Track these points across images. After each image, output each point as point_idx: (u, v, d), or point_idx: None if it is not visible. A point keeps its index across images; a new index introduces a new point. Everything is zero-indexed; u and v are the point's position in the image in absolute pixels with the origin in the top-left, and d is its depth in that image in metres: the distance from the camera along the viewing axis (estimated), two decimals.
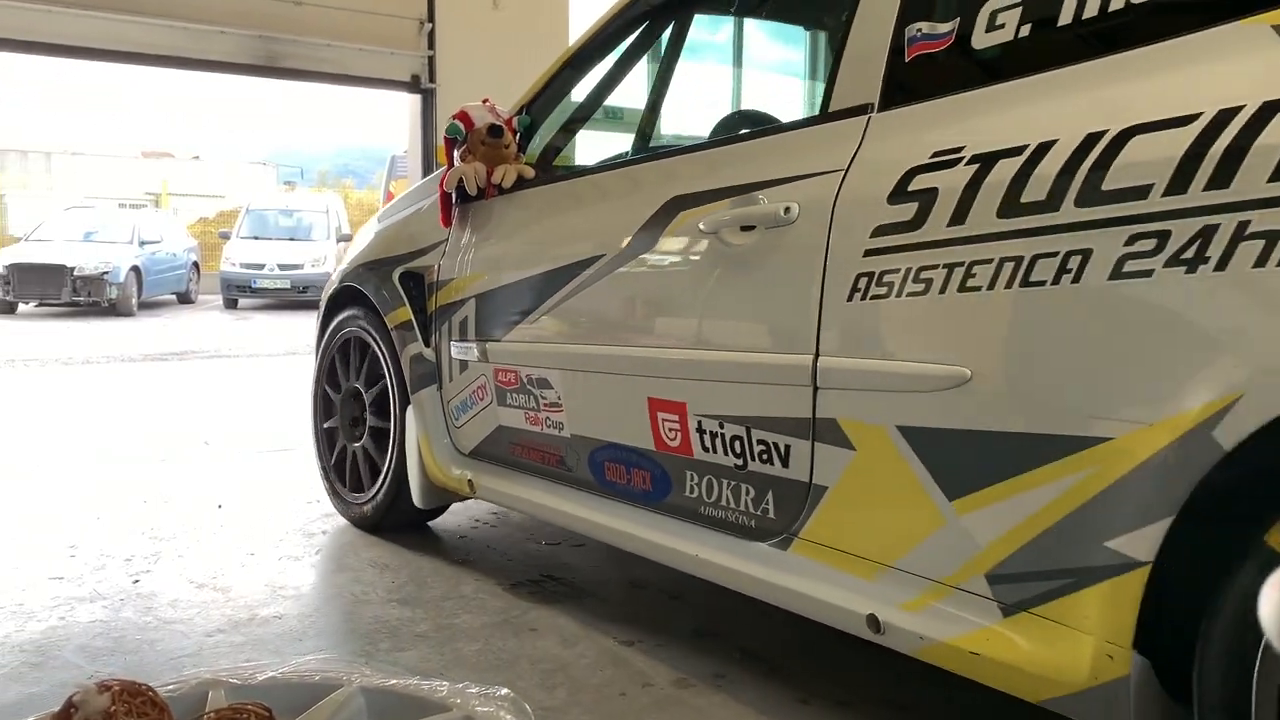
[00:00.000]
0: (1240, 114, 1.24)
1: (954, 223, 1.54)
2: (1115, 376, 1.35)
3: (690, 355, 2.04)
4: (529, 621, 2.46)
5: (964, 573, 1.55)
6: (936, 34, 1.71)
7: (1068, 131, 1.42)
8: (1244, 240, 1.20)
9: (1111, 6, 1.47)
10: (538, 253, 2.54)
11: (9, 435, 4.95)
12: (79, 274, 14.24)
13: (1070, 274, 1.38)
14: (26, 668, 2.16)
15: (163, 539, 3.16)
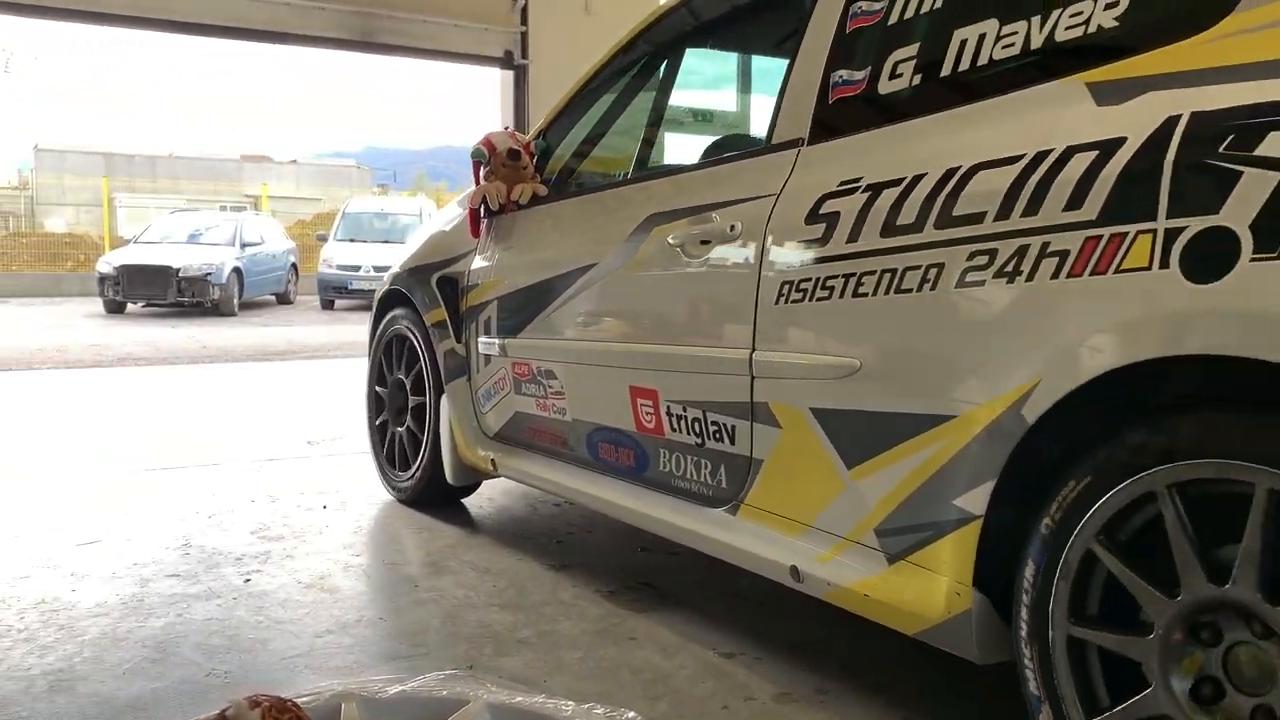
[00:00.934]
0: (1049, 155, 1.57)
1: (850, 240, 1.88)
2: (959, 365, 1.68)
3: (661, 349, 2.43)
4: (628, 630, 2.47)
5: (859, 530, 1.89)
6: (853, 80, 2.06)
7: (933, 167, 1.76)
8: (1045, 257, 1.53)
9: (974, 64, 1.81)
10: (546, 260, 2.92)
11: (120, 437, 5.14)
12: (184, 275, 14.75)
13: (930, 283, 1.71)
14: (148, 663, 2.25)
15: (271, 539, 3.25)
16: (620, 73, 3.06)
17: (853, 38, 2.10)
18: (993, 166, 1.66)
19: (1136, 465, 1.42)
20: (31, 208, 32.45)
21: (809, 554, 2.01)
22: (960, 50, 1.86)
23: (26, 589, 2.73)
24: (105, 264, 15.34)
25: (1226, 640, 1.36)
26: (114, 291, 15.02)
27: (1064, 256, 1.51)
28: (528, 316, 2.95)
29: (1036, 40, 1.73)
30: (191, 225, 17.15)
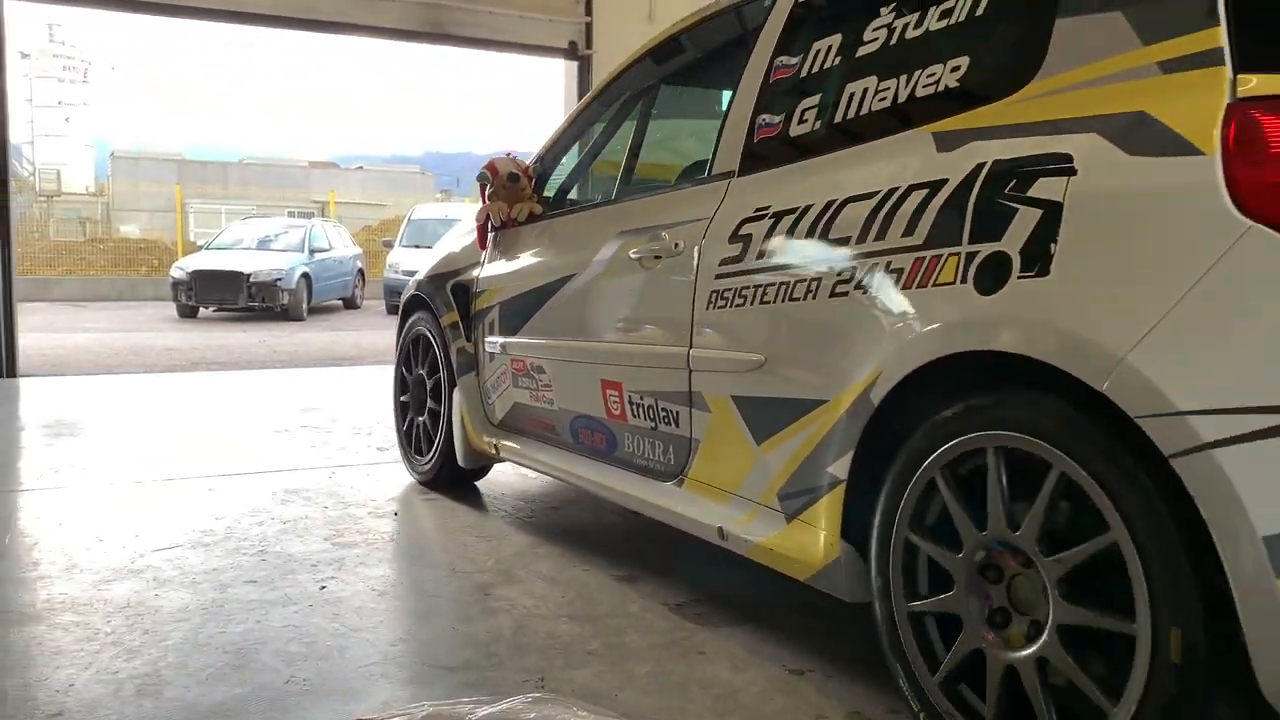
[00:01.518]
0: (896, 192, 1.99)
1: (758, 258, 2.34)
2: (829, 360, 2.11)
3: (625, 347, 2.87)
4: (697, 644, 2.48)
5: (767, 494, 2.32)
6: (772, 123, 2.49)
7: (818, 199, 2.20)
8: (888, 274, 1.96)
9: (858, 113, 2.24)
10: (538, 270, 3.40)
11: (195, 442, 5.27)
12: (254, 281, 15.07)
13: (812, 293, 2.16)
14: (230, 669, 2.31)
15: (344, 545, 3.32)
16: (604, 108, 3.55)
17: (774, 87, 2.54)
18: (858, 200, 2.09)
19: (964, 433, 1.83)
20: (108, 213, 33.36)
21: (732, 517, 2.44)
22: (848, 102, 2.29)
23: (112, 593, 2.81)
24: (179, 269, 15.73)
25: (1010, 570, 1.79)
26: (187, 296, 15.39)
27: (900, 273, 1.95)
28: (524, 319, 3.42)
29: (902, 95, 2.15)
30: (262, 231, 17.51)
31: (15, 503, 3.89)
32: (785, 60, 2.53)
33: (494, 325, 3.64)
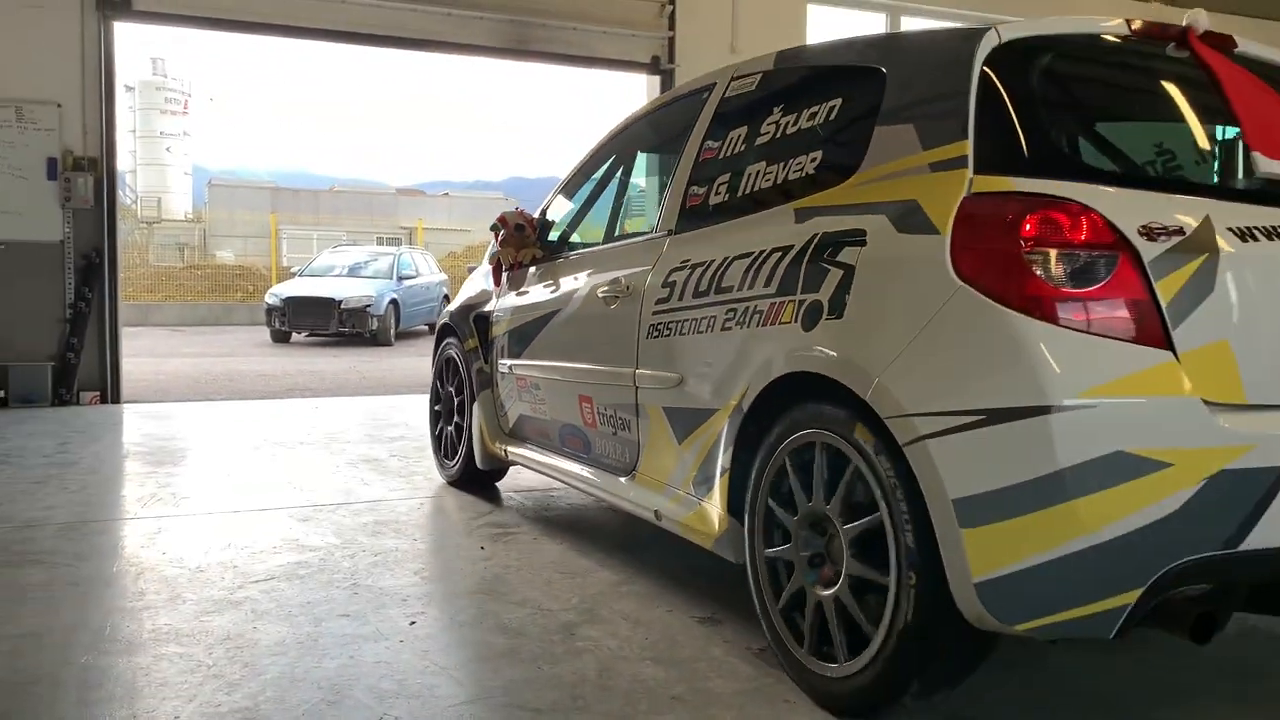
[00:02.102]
0: (764, 252, 2.68)
1: (679, 300, 3.04)
2: (720, 377, 2.79)
3: (595, 368, 3.55)
4: (782, 692, 2.48)
5: (685, 483, 3.00)
6: (699, 193, 3.21)
7: (718, 256, 2.90)
8: (754, 314, 2.65)
9: (751, 190, 2.96)
10: (536, 305, 4.10)
11: (288, 472, 5.42)
12: (345, 307, 15.45)
13: (711, 329, 2.85)
14: (325, 705, 2.38)
15: (433, 579, 3.39)
16: (590, 171, 4.30)
17: (702, 164, 3.25)
18: (741, 258, 2.79)
19: (797, 431, 2.50)
20: (205, 239, 34.48)
21: (664, 503, 3.12)
22: (747, 179, 2.99)
23: (213, 624, 2.92)
24: (273, 296, 16.20)
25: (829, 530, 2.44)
26: (280, 322, 15.84)
27: (761, 314, 2.64)
28: (526, 344, 4.13)
29: (780, 178, 2.85)
30: (352, 259, 17.95)
31: (121, 531, 4.05)
32: (710, 144, 3.26)
33: (504, 349, 4.34)
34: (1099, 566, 1.96)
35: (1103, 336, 2.03)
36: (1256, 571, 2.10)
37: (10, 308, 7.69)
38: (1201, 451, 1.99)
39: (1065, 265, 2.06)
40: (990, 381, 2.05)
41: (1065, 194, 2.12)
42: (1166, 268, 2.07)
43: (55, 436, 6.28)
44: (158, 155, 44.07)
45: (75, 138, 7.86)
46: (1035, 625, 2.02)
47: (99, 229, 7.94)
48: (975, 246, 2.13)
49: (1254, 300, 2.15)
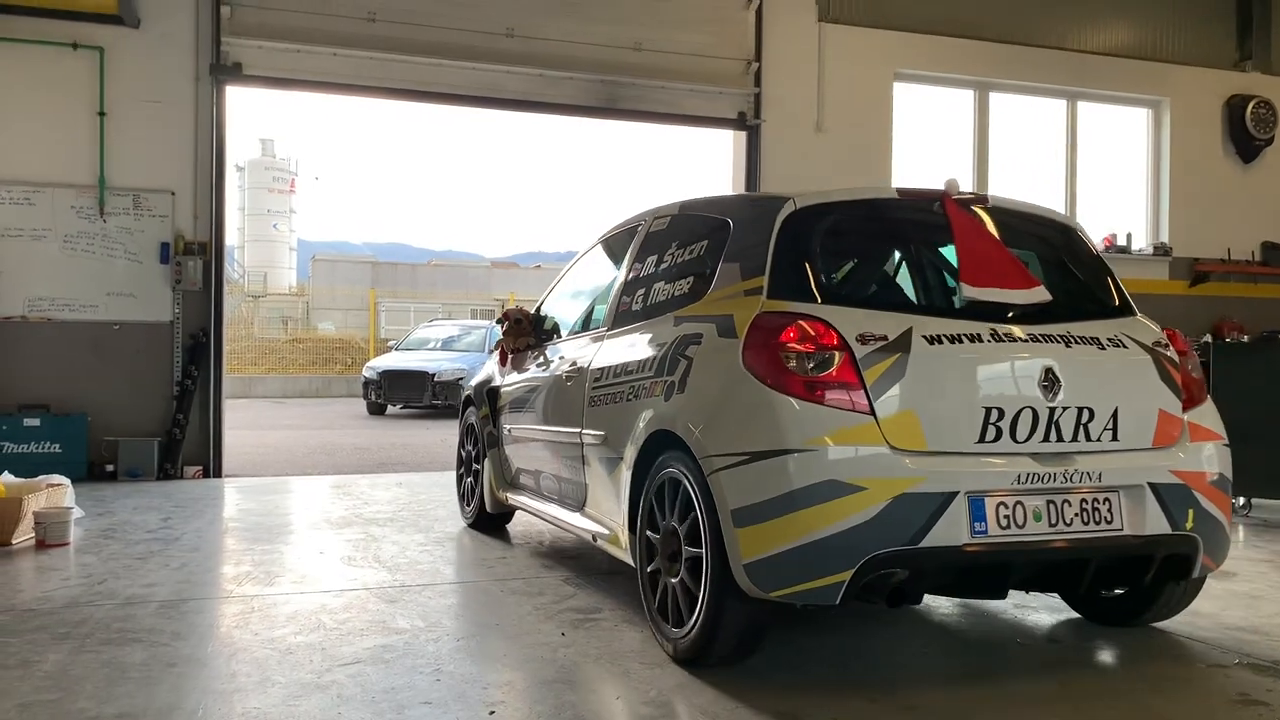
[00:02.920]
0: (652, 347, 3.87)
1: (607, 379, 4.13)
2: (624, 434, 3.85)
3: (560, 429, 4.64)
4: None
5: (610, 514, 4.04)
6: (627, 301, 4.35)
7: (629, 348, 4.05)
8: (643, 390, 3.79)
9: (653, 303, 4.12)
10: (526, 381, 5.30)
11: (381, 546, 5.52)
12: (438, 380, 15.80)
13: (622, 399, 3.96)
14: None
15: (513, 666, 3.41)
16: (569, 279, 5.53)
17: (631, 280, 4.44)
18: (642, 350, 3.94)
19: (662, 470, 3.60)
20: (307, 312, 35.65)
21: (599, 529, 4.20)
22: (653, 294, 4.16)
23: (301, 708, 2.98)
24: (370, 369, 16.65)
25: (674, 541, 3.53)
26: (376, 394, 16.24)
27: (646, 389, 3.77)
28: (519, 411, 5.31)
29: (671, 294, 4.01)
30: (446, 332, 18.37)
31: (217, 610, 4.18)
32: (636, 266, 4.46)
33: (506, 416, 5.54)
34: (822, 554, 3.05)
35: (827, 406, 3.14)
36: (932, 561, 3.12)
37: (122, 385, 8.07)
38: (889, 480, 3.08)
39: (806, 360, 3.20)
40: (755, 434, 3.18)
41: (814, 313, 3.29)
42: (872, 361, 3.19)
43: (159, 511, 6.52)
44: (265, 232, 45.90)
45: (187, 223, 8.27)
46: (783, 593, 3.13)
47: (206, 310, 8.31)
48: (754, 347, 3.30)
49: (934, 383, 3.23)
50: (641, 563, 3.74)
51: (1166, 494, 3.37)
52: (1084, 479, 3.28)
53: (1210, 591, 4.31)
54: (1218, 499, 3.51)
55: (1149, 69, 11.16)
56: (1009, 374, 3.32)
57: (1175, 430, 3.52)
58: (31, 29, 7.93)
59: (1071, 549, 3.25)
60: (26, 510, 5.41)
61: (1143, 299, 10.68)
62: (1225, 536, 3.56)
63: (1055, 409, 3.31)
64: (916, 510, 3.06)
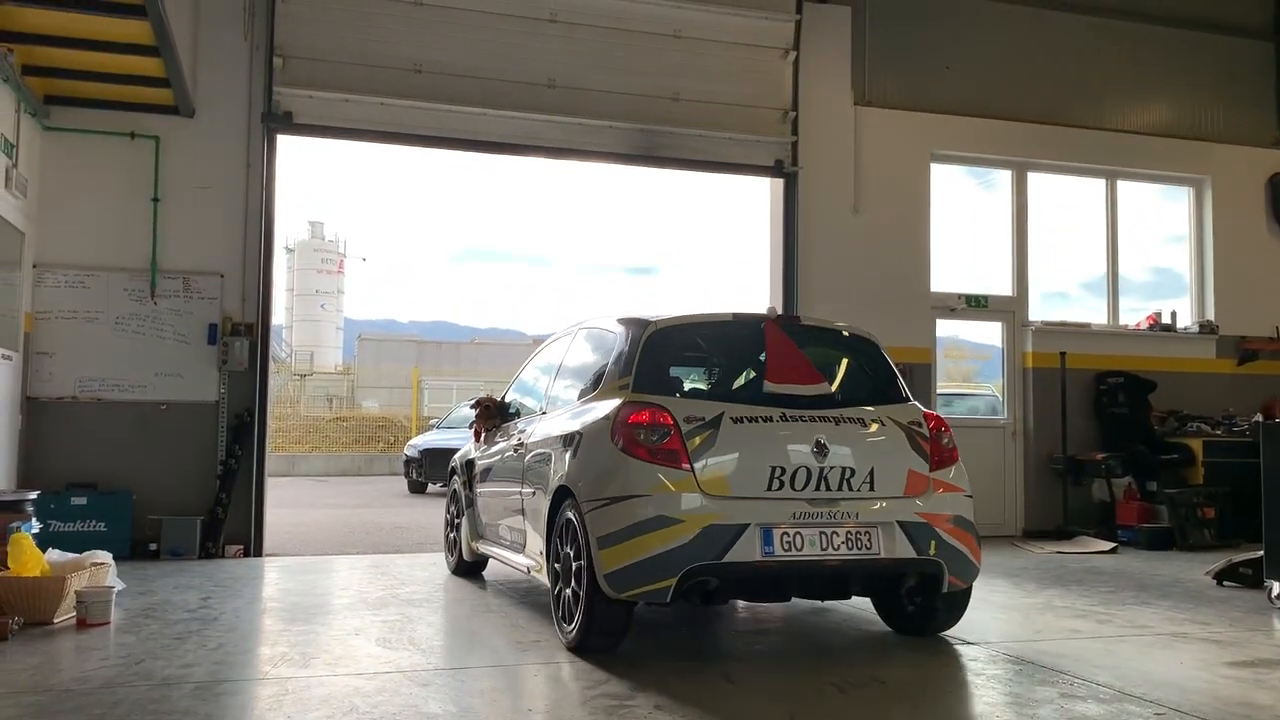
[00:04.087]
0: (564, 424, 5.34)
1: (536, 449, 5.64)
2: (546, 490, 5.26)
3: (510, 489, 6.02)
4: None
5: (537, 551, 5.47)
6: (553, 390, 6.09)
7: (549, 424, 5.64)
8: (557, 456, 5.23)
9: (571, 391, 5.81)
10: (490, 454, 6.63)
11: (416, 627, 5.49)
12: None
13: (545, 463, 5.40)
14: None
15: None
16: (525, 373, 6.97)
17: (560, 374, 5.99)
18: (560, 426, 5.34)
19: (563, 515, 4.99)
20: (352, 391, 36.08)
21: (531, 564, 5.60)
22: (569, 385, 5.75)
23: None
24: (411, 448, 16.76)
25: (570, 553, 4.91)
26: (417, 473, 16.31)
27: (559, 456, 5.19)
28: (486, 478, 6.71)
29: (580, 386, 5.53)
30: None
31: (250, 693, 4.17)
32: (565, 364, 5.99)
33: (478, 482, 6.96)
34: (656, 566, 4.44)
35: (661, 465, 4.57)
36: (733, 572, 4.53)
37: (167, 464, 8.19)
38: (701, 515, 4.50)
39: (648, 434, 4.64)
40: (614, 485, 4.63)
41: (657, 403, 4.75)
42: (693, 435, 4.64)
43: (199, 590, 6.56)
44: (313, 312, 46.76)
45: (235, 304, 8.47)
46: (631, 594, 4.50)
47: (251, 390, 8.45)
48: (617, 425, 4.72)
49: (735, 449, 4.67)
50: (551, 584, 5.10)
51: (913, 529, 4.76)
52: (847, 517, 4.67)
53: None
54: (958, 534, 4.88)
55: (1189, 147, 11.17)
56: (790, 443, 4.74)
57: (922, 484, 4.91)
58: (92, 120, 8.25)
59: (839, 566, 4.67)
60: (69, 589, 5.47)
61: (1188, 378, 10.67)
62: (968, 561, 4.93)
63: (824, 468, 4.72)
64: (721, 536, 4.49)
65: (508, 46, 9.15)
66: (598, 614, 4.64)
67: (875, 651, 5.06)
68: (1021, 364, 10.53)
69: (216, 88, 8.48)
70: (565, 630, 4.89)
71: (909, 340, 10.03)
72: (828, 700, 4.08)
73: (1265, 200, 11.34)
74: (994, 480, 10.32)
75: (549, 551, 5.10)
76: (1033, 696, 4.21)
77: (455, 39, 9.02)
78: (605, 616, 4.65)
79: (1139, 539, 9.47)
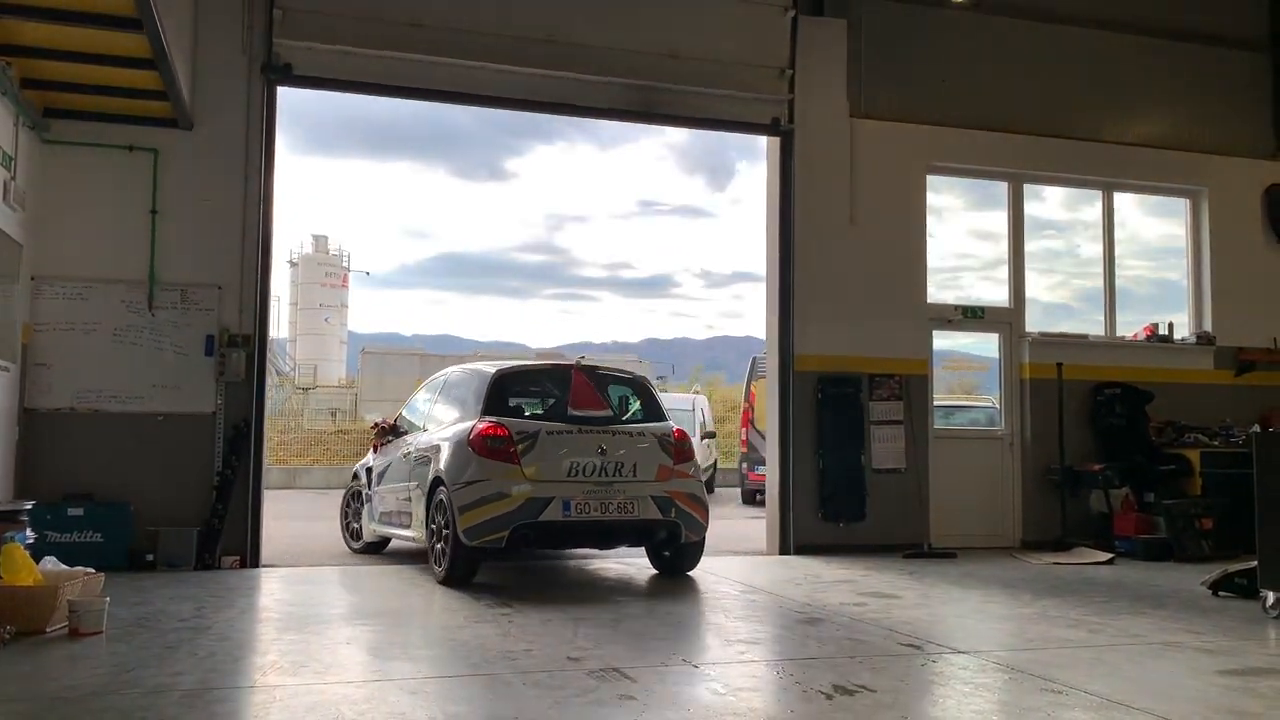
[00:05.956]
0: (439, 435, 8.13)
1: (416, 454, 8.37)
2: (424, 481, 7.94)
3: (401, 484, 8.57)
4: None
5: (421, 525, 7.96)
6: (434, 413, 8.85)
7: (428, 441, 8.21)
8: (427, 458, 8.06)
9: (444, 414, 8.59)
10: (385, 462, 9.21)
11: (408, 634, 5.50)
12: None
13: (425, 463, 7.99)
14: None
15: None
16: (414, 400, 9.46)
17: (438, 401, 8.77)
18: (436, 438, 7.99)
19: (436, 496, 7.59)
20: (355, 404, 36.09)
21: (416, 535, 8.10)
22: (446, 409, 8.44)
23: None
24: None
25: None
26: None
27: (435, 458, 7.74)
28: (382, 479, 9.09)
29: (453, 410, 8.28)
30: None
31: (238, 700, 4.18)
32: (440, 395, 8.75)
33: (375, 482, 9.24)
34: (495, 524, 7.03)
35: (500, 461, 7.18)
36: (546, 528, 7.11)
37: (164, 475, 8.21)
38: (523, 492, 7.08)
39: (493, 442, 7.23)
40: (469, 473, 7.22)
41: (500, 422, 7.36)
42: (521, 443, 7.25)
43: (194, 600, 6.56)
44: (316, 325, 46.90)
45: (232, 316, 8.50)
46: (478, 542, 7.04)
47: (248, 401, 8.46)
48: (474, 436, 7.31)
49: (548, 451, 7.28)
50: (429, 543, 7.66)
51: (660, 501, 7.44)
52: (619, 493, 7.31)
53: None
54: (691, 505, 7.61)
55: (1185, 159, 11.19)
56: (583, 447, 7.35)
57: (668, 474, 7.58)
58: (91, 132, 8.30)
59: (613, 523, 7.32)
60: (62, 599, 5.48)
61: (1186, 389, 10.67)
62: (698, 523, 7.69)
63: (605, 463, 7.34)
64: (537, 505, 7.06)
65: (507, 1, 9.21)
66: (459, 557, 7.19)
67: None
68: (1019, 375, 10.53)
69: (215, 100, 8.52)
70: (437, 571, 7.44)
71: (905, 352, 10.05)
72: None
73: (1262, 211, 11.35)
74: (992, 491, 10.32)
75: (427, 521, 7.61)
76: (1021, 704, 4.21)
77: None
78: (464, 559, 7.22)
79: (1137, 550, 9.46)
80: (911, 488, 9.86)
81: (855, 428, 9.78)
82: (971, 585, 7.68)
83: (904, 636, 5.54)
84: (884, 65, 10.27)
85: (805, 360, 9.80)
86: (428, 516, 7.58)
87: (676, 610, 6.47)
